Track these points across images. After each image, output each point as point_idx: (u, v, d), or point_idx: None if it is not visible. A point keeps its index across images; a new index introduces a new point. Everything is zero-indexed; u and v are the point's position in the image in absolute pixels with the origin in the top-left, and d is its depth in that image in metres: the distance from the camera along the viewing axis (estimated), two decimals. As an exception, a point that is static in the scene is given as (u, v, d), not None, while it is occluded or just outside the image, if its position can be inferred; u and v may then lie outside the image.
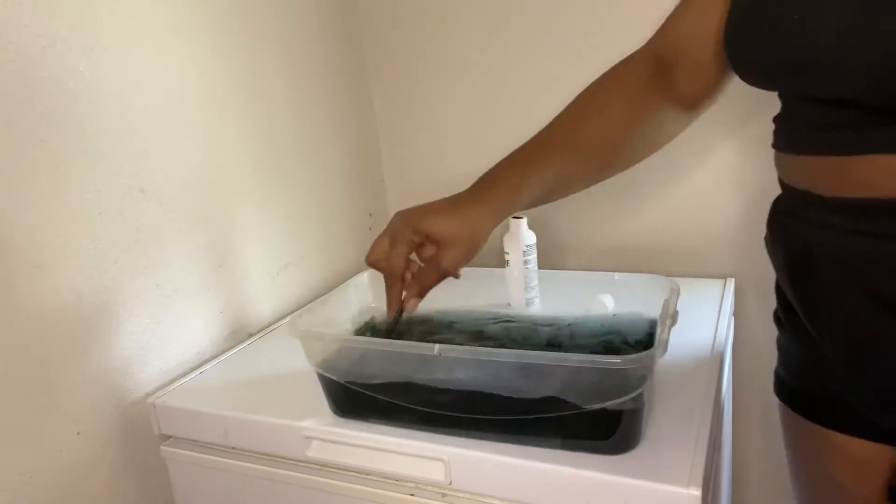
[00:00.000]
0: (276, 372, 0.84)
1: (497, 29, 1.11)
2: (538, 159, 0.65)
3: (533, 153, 0.66)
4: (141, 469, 0.81)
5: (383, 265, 0.65)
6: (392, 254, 0.64)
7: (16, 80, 0.66)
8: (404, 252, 0.64)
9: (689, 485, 0.55)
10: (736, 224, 1.05)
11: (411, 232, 0.63)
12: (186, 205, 0.86)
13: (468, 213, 0.63)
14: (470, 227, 0.62)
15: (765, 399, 1.10)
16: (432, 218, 0.63)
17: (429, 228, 0.62)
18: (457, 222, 0.62)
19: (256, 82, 0.98)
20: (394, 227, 0.65)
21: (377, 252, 0.65)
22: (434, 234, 0.62)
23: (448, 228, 0.62)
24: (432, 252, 0.63)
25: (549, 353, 0.61)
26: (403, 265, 0.65)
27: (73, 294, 0.72)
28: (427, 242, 0.64)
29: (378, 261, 0.66)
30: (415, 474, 0.67)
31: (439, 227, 0.62)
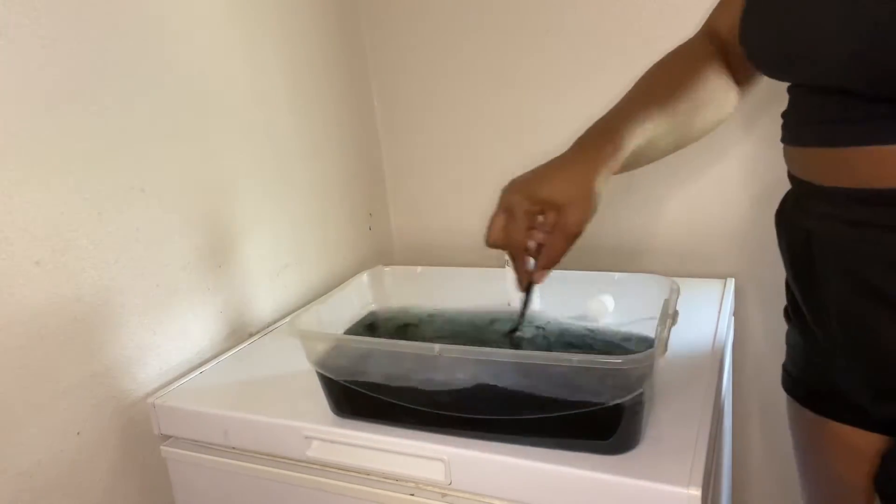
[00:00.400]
0: (276, 372, 0.84)
1: (498, 29, 1.11)
2: (635, 113, 0.63)
3: (627, 109, 0.64)
4: (141, 469, 0.81)
5: (503, 242, 0.63)
6: (512, 228, 0.62)
7: (16, 79, 0.66)
8: (524, 224, 0.62)
9: (689, 485, 0.55)
10: (736, 224, 1.05)
11: (528, 202, 0.61)
12: (186, 205, 0.86)
13: (582, 170, 0.60)
14: (587, 183, 0.59)
15: (765, 399, 1.10)
16: (548, 182, 0.60)
17: (547, 194, 0.60)
18: (574, 181, 0.60)
19: (256, 82, 0.98)
20: (507, 201, 0.62)
21: (496, 231, 0.63)
22: (553, 198, 0.60)
23: (567, 189, 0.59)
24: (553, 218, 0.61)
25: (549, 353, 0.61)
26: (525, 238, 0.62)
27: (73, 294, 0.72)
28: (546, 209, 0.61)
29: (498, 239, 0.63)
30: (415, 474, 0.67)
31: (558, 190, 0.60)
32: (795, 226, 0.64)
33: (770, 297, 1.05)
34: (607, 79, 1.06)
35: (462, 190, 1.22)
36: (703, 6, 0.71)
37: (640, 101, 0.65)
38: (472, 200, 1.22)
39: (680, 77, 0.67)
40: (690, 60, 0.69)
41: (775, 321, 1.06)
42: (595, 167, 0.60)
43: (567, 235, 0.60)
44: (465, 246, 1.24)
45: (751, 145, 1.00)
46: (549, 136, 1.13)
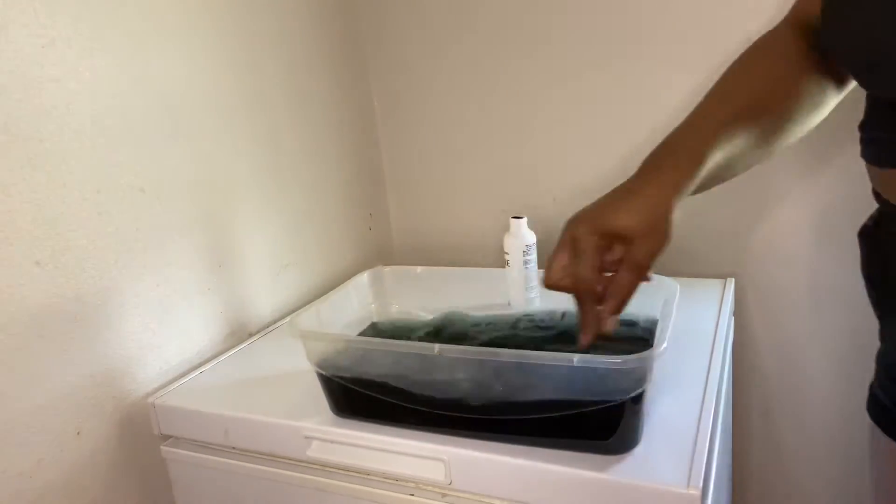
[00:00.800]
0: (276, 372, 0.84)
1: (498, 28, 1.11)
2: (714, 124, 0.57)
3: (705, 119, 0.58)
4: (141, 469, 0.81)
5: (568, 283, 0.56)
6: (579, 267, 0.55)
7: (16, 79, 0.66)
8: (593, 262, 0.54)
9: (689, 485, 0.55)
10: (736, 224, 1.05)
11: (597, 236, 0.54)
12: (187, 205, 0.86)
13: (654, 197, 0.54)
14: (660, 211, 0.53)
15: (765, 399, 1.10)
16: (617, 213, 0.54)
17: (617, 225, 0.54)
18: (644, 210, 0.53)
19: (257, 82, 0.98)
20: (572, 236, 0.55)
21: (558, 270, 0.56)
22: (624, 230, 0.53)
23: (638, 219, 0.53)
24: (620, 253, 0.55)
25: (549, 353, 0.61)
26: (596, 278, 0.55)
27: (72, 294, 0.72)
28: (615, 243, 0.55)
29: (561, 279, 0.56)
30: (415, 474, 0.67)
31: (628, 220, 0.53)
32: (878, 248, 0.59)
33: (770, 297, 1.06)
34: (608, 80, 1.06)
35: (462, 190, 1.22)
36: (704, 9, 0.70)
37: (717, 111, 0.58)
38: (472, 200, 1.22)
39: (764, 80, 0.59)
40: (775, 58, 0.60)
41: (775, 321, 1.06)
42: (668, 192, 0.54)
43: (638, 271, 0.54)
44: (465, 246, 1.25)
45: (751, 145, 1.00)
46: (549, 136, 1.13)
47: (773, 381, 1.09)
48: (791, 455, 1.11)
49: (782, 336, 1.07)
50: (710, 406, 0.66)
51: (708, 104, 0.60)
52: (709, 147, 0.55)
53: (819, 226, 1.00)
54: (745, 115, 0.58)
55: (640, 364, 0.56)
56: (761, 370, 1.09)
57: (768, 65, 0.61)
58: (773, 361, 1.09)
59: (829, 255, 1.00)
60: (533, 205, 1.14)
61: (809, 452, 1.10)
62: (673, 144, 0.57)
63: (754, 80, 0.60)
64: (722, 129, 0.56)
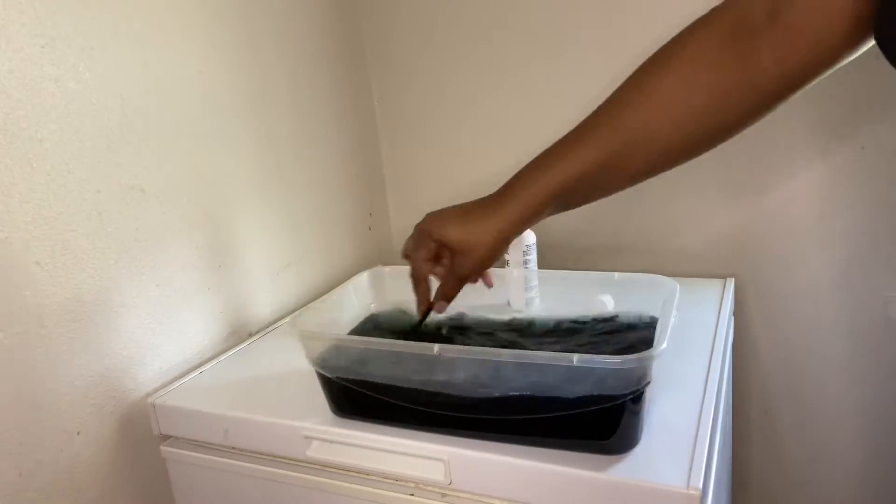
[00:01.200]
0: (276, 372, 0.84)
1: (498, 28, 1.11)
2: (573, 162, 0.57)
3: (567, 153, 0.58)
4: (141, 469, 0.81)
5: (410, 262, 0.68)
6: (414, 257, 0.66)
7: (16, 79, 0.66)
8: (425, 256, 0.65)
9: (689, 485, 0.55)
10: (736, 224, 1.05)
11: (429, 238, 0.65)
12: (186, 205, 0.86)
13: (485, 222, 0.62)
14: (485, 236, 0.61)
15: (765, 399, 1.10)
16: (446, 225, 0.63)
17: (442, 236, 0.63)
18: (471, 230, 0.62)
19: (257, 82, 0.98)
20: (417, 231, 0.66)
21: (408, 249, 0.68)
22: (447, 242, 0.63)
23: (461, 236, 0.62)
24: (448, 260, 0.65)
25: (548, 353, 0.61)
26: (426, 269, 0.66)
27: (73, 294, 0.72)
28: (444, 250, 0.65)
29: (408, 257, 0.68)
30: (415, 474, 0.67)
31: (451, 234, 0.63)
32: None
33: (770, 297, 1.06)
34: (608, 81, 1.06)
35: (462, 190, 1.21)
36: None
37: (599, 133, 0.56)
38: (472, 200, 1.22)
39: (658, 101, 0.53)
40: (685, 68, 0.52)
41: (775, 321, 1.06)
42: (505, 219, 0.61)
43: (457, 279, 0.65)
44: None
45: (752, 144, 1.00)
46: (549, 136, 1.13)
47: (773, 381, 1.09)
48: (791, 455, 1.11)
49: (782, 336, 1.07)
50: (710, 406, 0.66)
51: (580, 136, 0.58)
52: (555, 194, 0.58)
53: (819, 226, 1.00)
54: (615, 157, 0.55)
55: (639, 364, 0.56)
56: (761, 370, 1.09)
57: (681, 68, 0.53)
58: (773, 361, 1.09)
59: (829, 254, 1.00)
60: (533, 205, 1.13)
61: (809, 452, 1.10)
62: (525, 177, 0.60)
63: (643, 109, 0.54)
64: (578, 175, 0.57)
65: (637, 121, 0.55)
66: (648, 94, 0.54)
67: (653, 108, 0.54)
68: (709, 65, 0.51)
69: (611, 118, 0.57)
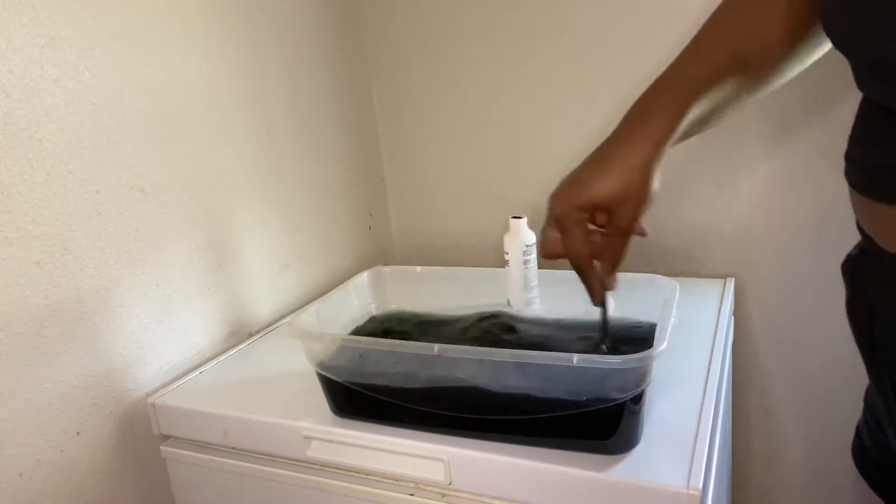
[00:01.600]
0: (276, 372, 0.84)
1: (498, 29, 1.11)
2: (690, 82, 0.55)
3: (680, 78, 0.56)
4: (141, 469, 0.81)
5: (562, 252, 0.59)
6: (569, 243, 0.57)
7: (16, 79, 0.66)
8: (580, 234, 0.57)
9: (689, 485, 0.55)
10: (736, 224, 1.05)
11: (577, 211, 0.56)
12: (186, 205, 0.86)
13: (627, 161, 0.54)
14: (635, 175, 0.54)
15: (765, 399, 1.10)
16: (592, 186, 0.55)
17: (594, 198, 0.55)
18: (620, 175, 0.54)
19: (257, 82, 0.98)
20: (556, 214, 0.57)
21: (552, 244, 0.59)
22: (602, 202, 0.55)
23: (613, 189, 0.54)
24: (603, 219, 0.57)
25: (549, 353, 0.61)
26: (587, 248, 0.57)
27: (72, 294, 0.72)
28: (596, 213, 0.57)
29: (556, 253, 0.59)
30: (415, 474, 0.67)
31: (603, 191, 0.54)
32: (859, 288, 0.53)
33: (770, 297, 1.06)
34: (608, 80, 1.06)
35: (462, 190, 1.22)
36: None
37: (692, 68, 0.56)
38: (471, 200, 1.22)
39: (739, 34, 0.56)
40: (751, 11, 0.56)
41: (775, 321, 1.06)
42: (645, 154, 0.54)
43: (622, 235, 0.57)
44: (465, 246, 1.25)
45: (752, 144, 1.00)
46: (549, 136, 1.13)
47: (773, 381, 1.09)
48: (791, 455, 1.11)
49: (782, 336, 1.07)
50: (710, 406, 0.66)
51: (683, 61, 0.58)
52: (684, 106, 0.54)
53: (819, 226, 1.00)
54: (721, 71, 0.55)
55: (639, 364, 0.56)
56: (761, 370, 1.09)
57: (744, 17, 0.57)
58: (773, 361, 1.09)
59: (829, 254, 1.00)
60: (533, 205, 1.13)
61: (809, 452, 1.10)
62: (647, 105, 0.56)
63: (730, 35, 0.57)
64: (697, 88, 0.55)
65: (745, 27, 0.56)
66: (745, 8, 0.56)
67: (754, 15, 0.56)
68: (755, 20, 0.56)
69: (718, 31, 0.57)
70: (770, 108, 0.97)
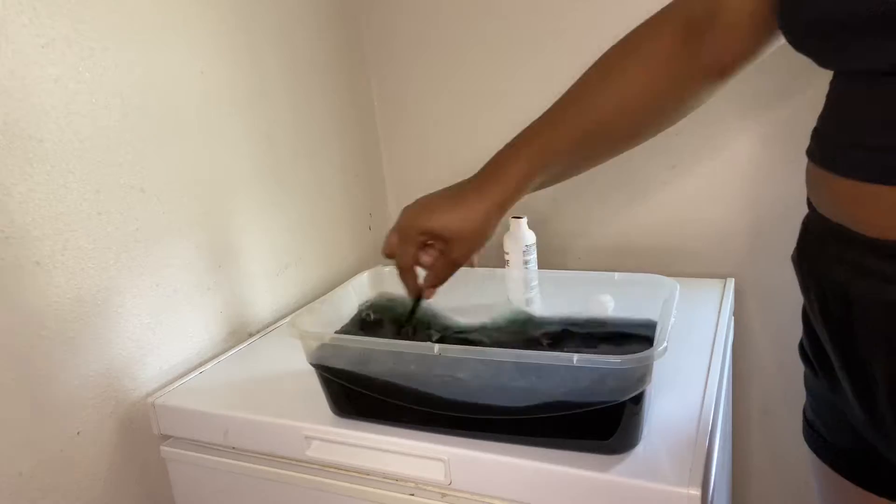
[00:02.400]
0: (276, 372, 0.84)
1: (497, 28, 1.11)
2: (549, 139, 0.61)
3: (543, 131, 0.62)
4: (141, 469, 0.81)
5: (395, 259, 0.66)
6: (401, 251, 0.65)
7: (16, 79, 0.66)
8: (412, 251, 0.64)
9: (689, 485, 0.55)
10: (736, 224, 1.05)
11: (416, 233, 0.63)
12: (186, 205, 0.86)
13: (473, 207, 0.61)
14: (475, 220, 0.61)
15: (765, 399, 1.10)
16: (436, 216, 0.62)
17: (432, 227, 0.62)
18: (461, 217, 0.61)
19: (257, 82, 0.98)
20: (400, 226, 0.65)
21: (389, 246, 0.66)
22: (441, 232, 0.62)
23: (453, 224, 0.61)
24: (440, 247, 0.64)
25: (549, 353, 0.61)
26: (412, 262, 0.65)
27: (73, 294, 0.72)
28: (434, 239, 0.64)
29: (391, 254, 0.66)
30: (415, 474, 0.67)
31: (443, 224, 0.62)
32: (827, 278, 0.51)
33: (770, 297, 1.05)
34: (607, 79, 1.06)
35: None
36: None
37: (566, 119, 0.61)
38: (472, 200, 1.22)
39: (621, 91, 0.59)
40: (641, 63, 0.59)
41: (775, 321, 1.06)
42: (491, 202, 0.61)
43: (450, 265, 0.64)
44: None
45: (751, 144, 1.00)
46: (549, 136, 1.13)
47: (773, 381, 1.09)
48: (791, 455, 1.11)
49: (782, 336, 1.07)
50: (710, 406, 0.66)
51: (536, 129, 0.62)
52: (531, 174, 0.60)
53: (819, 226, 0.99)
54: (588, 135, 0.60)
55: (639, 364, 0.56)
56: (761, 370, 1.09)
57: (637, 62, 0.59)
58: (773, 361, 1.08)
59: (829, 255, 1.00)
60: (533, 205, 1.13)
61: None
62: (504, 160, 0.62)
63: (612, 87, 0.60)
64: (545, 158, 0.61)
65: (607, 102, 0.60)
66: (616, 79, 0.60)
67: (621, 91, 0.59)
68: (666, 58, 0.58)
69: (581, 101, 0.61)
70: (771, 108, 0.97)
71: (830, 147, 0.49)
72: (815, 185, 0.53)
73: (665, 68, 0.58)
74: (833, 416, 0.58)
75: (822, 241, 0.52)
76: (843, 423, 0.56)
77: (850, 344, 0.50)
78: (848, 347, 0.51)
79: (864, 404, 0.51)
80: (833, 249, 0.50)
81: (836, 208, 0.49)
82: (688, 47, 0.57)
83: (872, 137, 0.45)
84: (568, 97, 0.63)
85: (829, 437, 0.60)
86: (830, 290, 0.51)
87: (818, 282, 0.53)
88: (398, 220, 0.65)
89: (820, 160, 0.50)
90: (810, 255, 0.55)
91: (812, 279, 0.55)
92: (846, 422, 0.56)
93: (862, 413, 0.52)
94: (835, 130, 0.49)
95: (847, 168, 0.47)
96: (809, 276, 0.55)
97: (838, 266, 0.49)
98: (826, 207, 0.51)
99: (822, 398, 0.60)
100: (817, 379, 0.59)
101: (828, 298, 0.52)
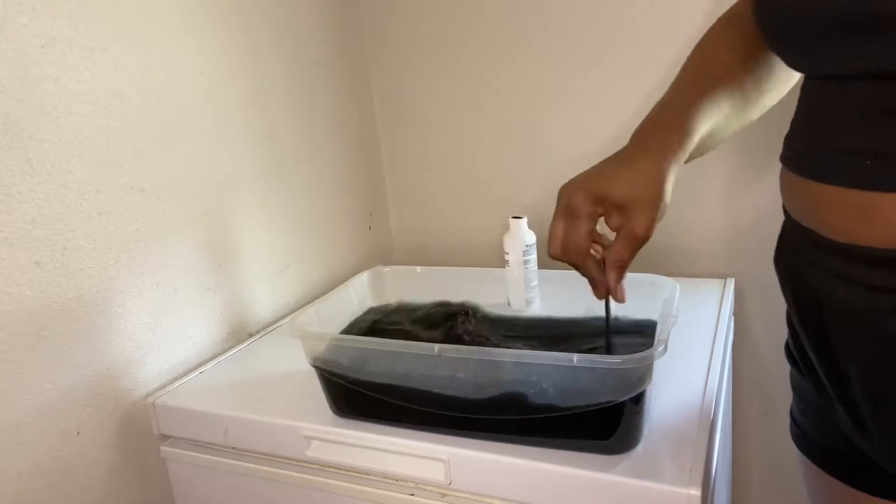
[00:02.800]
0: (276, 372, 0.84)
1: (498, 30, 1.11)
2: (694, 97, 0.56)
3: (684, 95, 0.57)
4: (141, 469, 0.81)
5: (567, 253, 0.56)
6: (572, 234, 0.54)
7: (16, 79, 0.66)
8: (586, 228, 0.55)
9: (689, 485, 0.55)
10: (736, 224, 1.05)
11: (592, 203, 0.54)
12: (186, 205, 0.86)
13: (650, 167, 0.53)
14: (657, 182, 0.52)
15: (765, 399, 1.10)
16: (614, 181, 0.53)
17: (615, 193, 0.53)
18: (642, 180, 0.52)
19: (257, 82, 0.98)
20: (567, 204, 0.54)
21: (557, 241, 0.55)
22: (620, 199, 0.53)
23: (634, 189, 0.52)
24: (618, 221, 0.54)
25: (548, 352, 0.61)
26: (588, 243, 0.55)
27: (73, 294, 0.72)
28: (610, 212, 0.54)
29: (560, 251, 0.56)
30: (415, 474, 0.67)
31: (625, 190, 0.52)
32: (801, 281, 0.52)
33: (770, 297, 1.05)
34: (608, 81, 1.06)
35: (462, 190, 1.22)
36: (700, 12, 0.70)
37: (694, 86, 0.57)
38: (471, 200, 1.22)
39: (728, 54, 0.58)
40: (734, 34, 0.59)
41: (775, 321, 1.06)
42: (664, 163, 0.53)
43: (635, 242, 0.54)
44: (465, 246, 1.24)
45: (753, 144, 1.00)
46: (549, 137, 1.13)
47: (773, 381, 1.09)
48: (791, 455, 1.11)
49: (782, 336, 1.06)
50: (710, 406, 0.66)
51: (683, 82, 0.58)
52: (697, 118, 0.54)
53: (819, 226, 0.99)
54: (719, 87, 0.56)
55: (639, 364, 0.56)
56: (761, 370, 1.09)
57: (730, 41, 0.59)
58: (773, 361, 1.08)
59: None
60: (533, 205, 1.14)
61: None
62: (662, 117, 0.56)
63: (720, 55, 0.58)
64: (702, 102, 0.55)
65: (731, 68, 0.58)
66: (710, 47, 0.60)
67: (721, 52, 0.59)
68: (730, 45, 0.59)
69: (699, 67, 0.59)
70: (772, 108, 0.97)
71: (801, 152, 0.50)
72: (787, 189, 0.53)
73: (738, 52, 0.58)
74: (819, 416, 0.59)
75: (796, 246, 0.53)
76: (829, 422, 0.57)
77: (825, 346, 0.51)
78: (824, 349, 0.51)
79: (845, 406, 0.52)
80: (806, 253, 0.51)
81: (807, 213, 0.50)
82: (738, 39, 0.58)
83: (840, 141, 0.45)
84: (691, 62, 0.60)
85: (816, 436, 0.61)
86: (806, 293, 0.52)
87: (795, 285, 0.54)
88: (561, 199, 0.55)
89: (791, 165, 0.51)
90: (787, 260, 0.55)
91: (789, 283, 0.55)
92: (832, 421, 0.56)
93: (845, 414, 0.53)
94: (804, 135, 0.50)
95: (816, 173, 0.47)
96: (787, 279, 0.56)
97: (811, 270, 0.50)
98: (798, 212, 0.51)
99: (808, 398, 0.61)
100: (803, 379, 0.60)
101: (804, 301, 0.52)
